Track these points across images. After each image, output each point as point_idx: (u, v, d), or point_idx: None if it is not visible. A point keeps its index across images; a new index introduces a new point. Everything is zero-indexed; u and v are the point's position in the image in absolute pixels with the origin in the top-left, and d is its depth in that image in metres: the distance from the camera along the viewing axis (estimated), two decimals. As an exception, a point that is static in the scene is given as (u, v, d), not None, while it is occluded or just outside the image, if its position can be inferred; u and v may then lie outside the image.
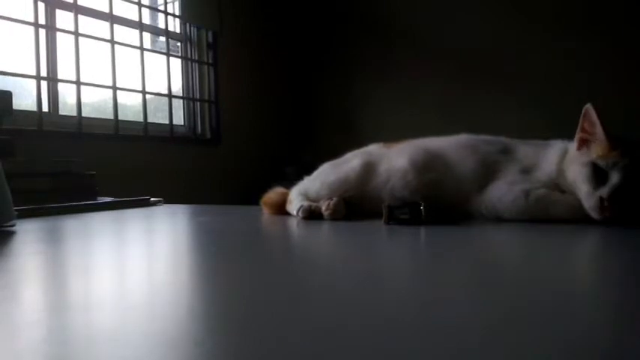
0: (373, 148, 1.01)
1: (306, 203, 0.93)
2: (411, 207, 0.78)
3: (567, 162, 0.79)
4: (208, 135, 2.84)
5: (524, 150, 0.87)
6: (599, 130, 0.76)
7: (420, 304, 0.36)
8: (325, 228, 0.83)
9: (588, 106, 0.77)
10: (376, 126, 3.02)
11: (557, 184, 0.79)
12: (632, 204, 0.70)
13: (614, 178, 0.71)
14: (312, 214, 0.90)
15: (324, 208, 0.89)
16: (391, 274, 0.48)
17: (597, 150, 0.75)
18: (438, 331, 0.29)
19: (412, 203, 0.79)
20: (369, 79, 3.17)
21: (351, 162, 0.97)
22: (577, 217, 0.75)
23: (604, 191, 0.71)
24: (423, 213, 0.77)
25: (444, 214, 0.82)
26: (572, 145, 0.81)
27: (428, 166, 0.89)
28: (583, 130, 0.78)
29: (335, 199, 0.90)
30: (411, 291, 0.40)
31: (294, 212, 0.93)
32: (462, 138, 0.94)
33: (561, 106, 2.60)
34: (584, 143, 0.78)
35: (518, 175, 0.82)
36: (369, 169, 0.94)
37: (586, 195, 0.73)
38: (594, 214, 0.72)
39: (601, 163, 0.72)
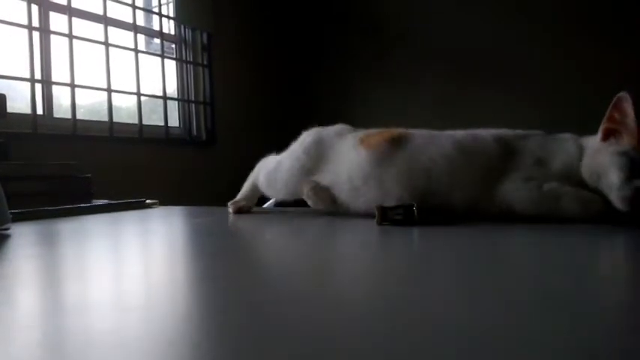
0: (325, 144, 0.97)
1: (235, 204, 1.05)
2: (405, 208, 0.78)
3: (592, 154, 0.74)
4: (204, 136, 2.84)
5: (534, 142, 0.81)
6: (630, 121, 0.71)
7: (419, 307, 0.36)
8: (320, 228, 0.83)
9: (622, 95, 0.72)
10: (374, 126, 3.01)
11: (577, 179, 0.74)
12: None
13: None
14: (240, 211, 1.04)
15: (305, 195, 0.90)
16: (387, 276, 0.48)
17: (629, 142, 0.70)
18: (437, 333, 0.29)
19: (406, 204, 0.79)
20: (367, 79, 3.17)
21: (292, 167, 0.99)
22: (590, 213, 0.71)
23: None
24: (415, 214, 0.77)
25: (438, 215, 0.82)
26: (587, 139, 0.77)
27: (429, 192, 0.82)
28: (611, 119, 0.73)
29: (313, 184, 0.90)
30: (408, 293, 0.41)
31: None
32: (463, 140, 0.85)
33: (561, 106, 2.61)
34: (610, 134, 0.73)
35: (532, 169, 0.77)
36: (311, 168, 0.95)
37: (619, 185, 0.68)
38: (623, 205, 0.68)
39: (635, 155, 0.68)
